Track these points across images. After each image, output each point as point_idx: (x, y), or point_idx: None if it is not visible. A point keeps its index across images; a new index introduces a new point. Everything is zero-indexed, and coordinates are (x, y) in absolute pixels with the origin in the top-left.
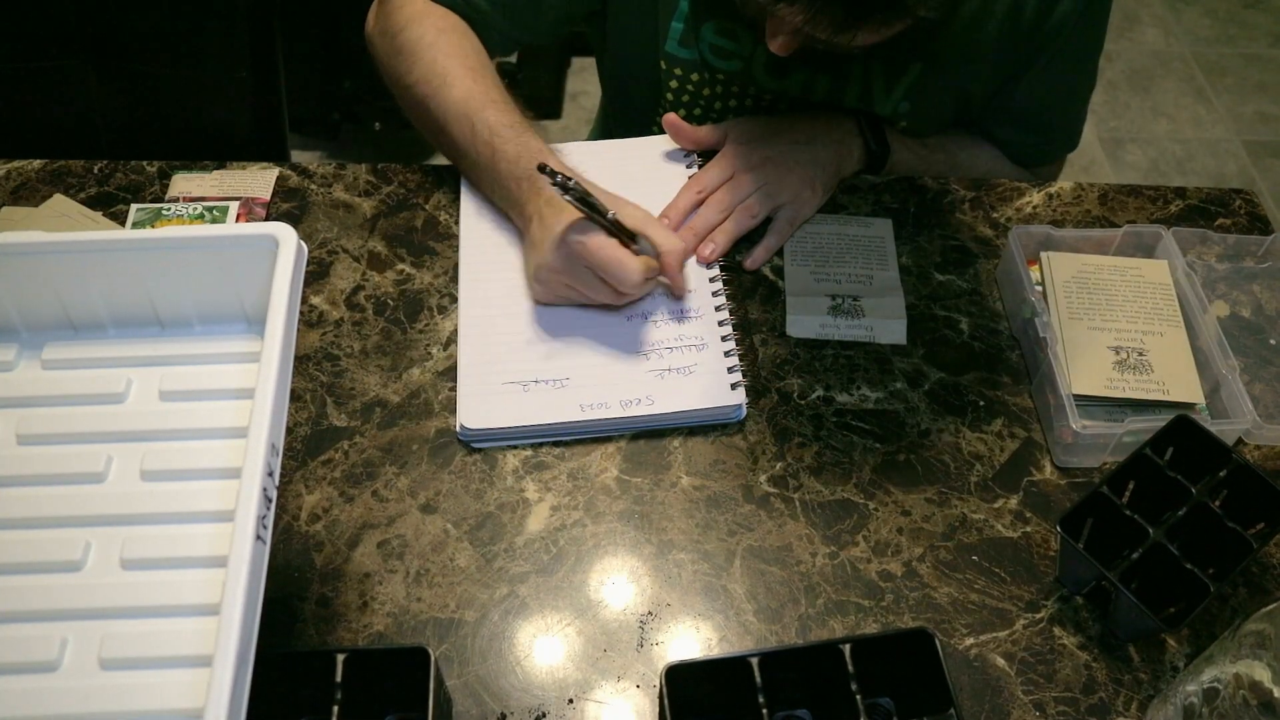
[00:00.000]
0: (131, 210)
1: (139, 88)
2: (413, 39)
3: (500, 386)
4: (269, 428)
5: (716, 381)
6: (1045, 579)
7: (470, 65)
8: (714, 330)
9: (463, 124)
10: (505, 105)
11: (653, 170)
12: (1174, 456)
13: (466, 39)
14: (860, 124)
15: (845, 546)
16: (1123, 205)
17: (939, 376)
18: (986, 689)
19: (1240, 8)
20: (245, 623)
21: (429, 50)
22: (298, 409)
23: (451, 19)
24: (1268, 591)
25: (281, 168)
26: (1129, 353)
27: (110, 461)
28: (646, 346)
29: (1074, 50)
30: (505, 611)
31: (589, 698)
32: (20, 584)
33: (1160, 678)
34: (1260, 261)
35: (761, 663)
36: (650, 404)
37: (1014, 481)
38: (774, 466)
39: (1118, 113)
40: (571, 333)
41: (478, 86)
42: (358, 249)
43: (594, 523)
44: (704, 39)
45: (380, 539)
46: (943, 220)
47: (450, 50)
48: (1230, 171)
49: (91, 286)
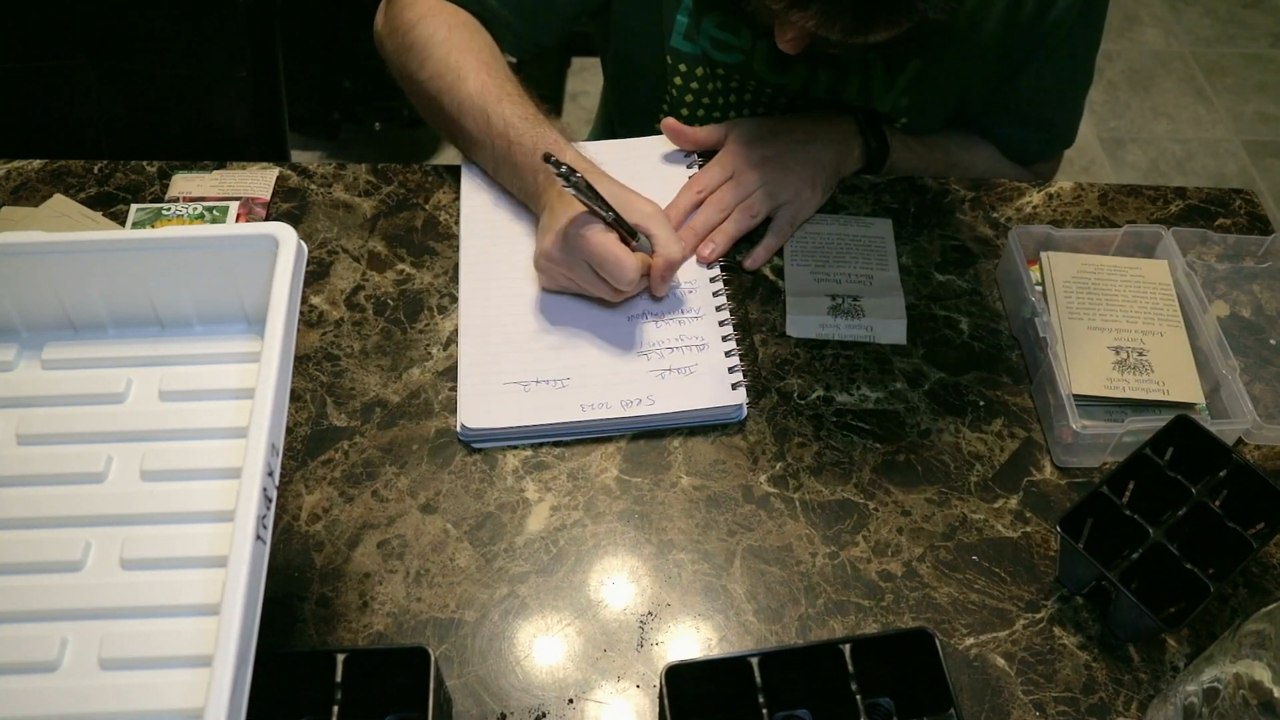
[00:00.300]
0: (131, 210)
1: (139, 88)
2: (424, 35)
3: (501, 386)
4: (269, 428)
5: (717, 381)
6: (1045, 579)
7: (484, 60)
8: (714, 330)
9: (478, 117)
10: (520, 97)
11: (653, 170)
12: (1174, 456)
13: (478, 35)
14: (860, 123)
15: (845, 546)
16: (1123, 205)
17: (939, 376)
18: (986, 689)
19: (1240, 8)
20: (245, 623)
21: (441, 46)
22: (298, 409)
23: (462, 15)
24: (1268, 591)
25: (281, 168)
26: (1129, 352)
27: (110, 461)
28: (647, 346)
29: (1072, 46)
30: (505, 611)
31: (589, 698)
32: (20, 584)
33: (1160, 678)
34: (1260, 261)
35: (761, 663)
36: (651, 404)
37: (1014, 481)
38: (774, 466)
39: (1118, 113)
40: (572, 332)
41: (492, 80)
42: (358, 249)
43: (594, 523)
44: (705, 33)
45: (380, 539)
46: (943, 220)
47: (462, 45)
48: (1230, 171)
49: (91, 286)
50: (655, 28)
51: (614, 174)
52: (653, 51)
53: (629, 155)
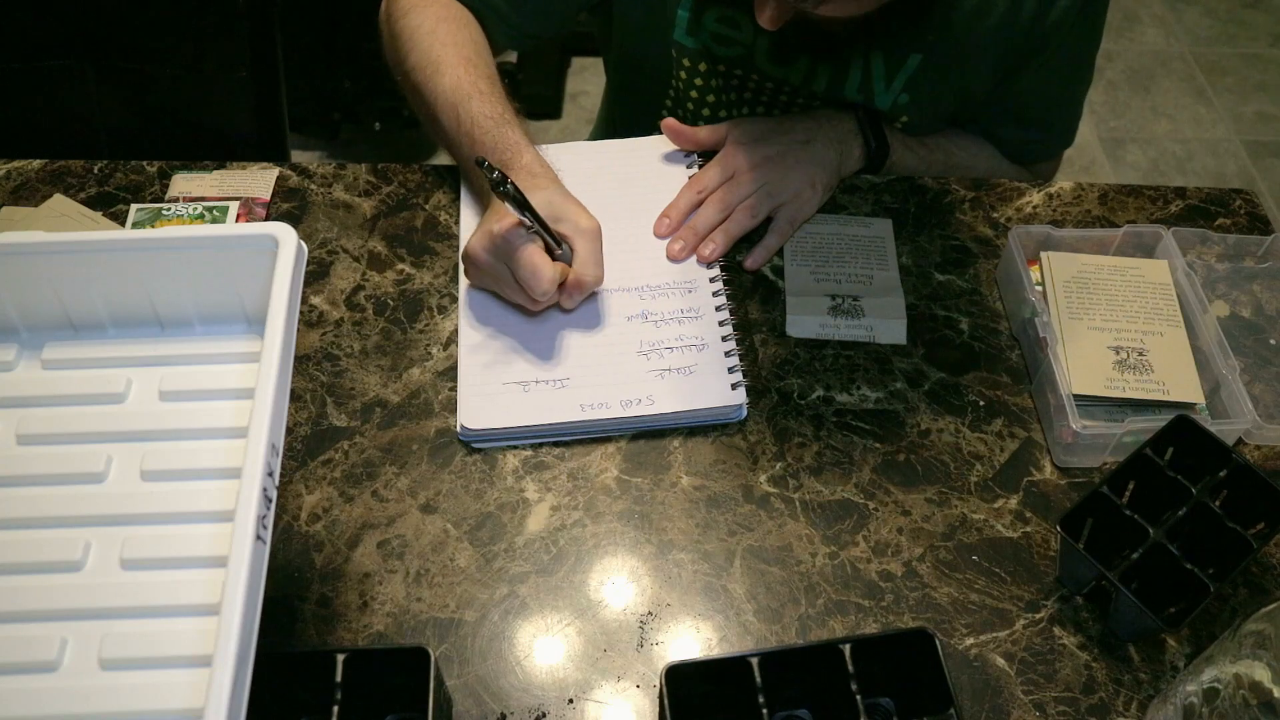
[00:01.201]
0: (131, 210)
1: (139, 88)
2: (412, 25)
3: (500, 387)
4: (269, 428)
5: (717, 381)
6: (1045, 579)
7: (465, 55)
8: (714, 330)
9: (450, 113)
10: (491, 96)
11: (653, 170)
12: (1174, 456)
13: (465, 29)
14: (860, 122)
15: (845, 546)
16: (1123, 205)
17: (939, 376)
18: (986, 689)
19: (1240, 7)
20: (245, 623)
21: (426, 37)
22: (298, 409)
23: (455, 8)
24: (1268, 591)
25: (281, 168)
26: (1129, 352)
27: (110, 461)
28: (646, 346)
29: (1072, 47)
30: (505, 611)
31: (589, 698)
32: (20, 584)
33: (1160, 678)
34: (1260, 261)
35: (761, 663)
36: (651, 404)
37: (1014, 481)
38: (774, 466)
39: (1118, 113)
40: (572, 333)
41: (467, 76)
42: (358, 249)
43: (594, 523)
44: (706, 27)
45: (380, 539)
46: (943, 220)
47: (446, 39)
48: (1230, 171)
49: (91, 286)
50: (658, 23)
51: (614, 174)
52: (656, 47)
53: (629, 155)
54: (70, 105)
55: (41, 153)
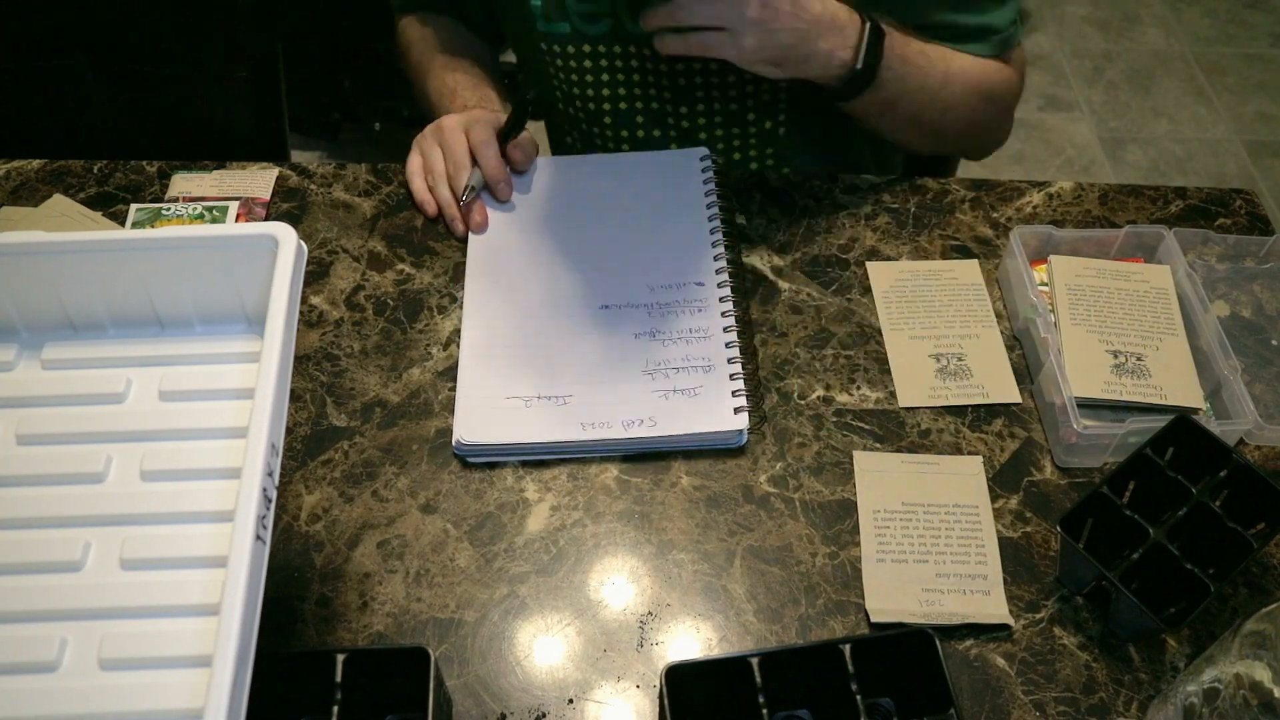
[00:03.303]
0: (131, 210)
1: (139, 88)
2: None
3: (502, 401)
4: (269, 428)
5: (720, 405)
6: (1045, 579)
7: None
8: (721, 352)
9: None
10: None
11: (669, 183)
12: (1174, 456)
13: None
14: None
15: (845, 546)
16: (1123, 205)
17: None
18: (986, 689)
19: (1240, 8)
20: (245, 623)
21: (416, 45)
22: (298, 409)
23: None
24: (1268, 591)
25: (281, 168)
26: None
27: (110, 461)
28: (652, 366)
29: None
30: (505, 611)
31: (589, 698)
32: (20, 584)
33: (1160, 678)
34: (1261, 262)
35: (761, 663)
36: (653, 425)
37: (1014, 481)
38: (774, 466)
39: (1118, 113)
40: (577, 349)
41: (449, 79)
42: (358, 249)
43: (594, 523)
44: (570, 9)
45: (380, 539)
46: (943, 220)
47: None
48: (1230, 171)
49: (91, 286)
50: (521, 17)
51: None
52: (528, 41)
53: (645, 167)
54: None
55: (41, 153)
